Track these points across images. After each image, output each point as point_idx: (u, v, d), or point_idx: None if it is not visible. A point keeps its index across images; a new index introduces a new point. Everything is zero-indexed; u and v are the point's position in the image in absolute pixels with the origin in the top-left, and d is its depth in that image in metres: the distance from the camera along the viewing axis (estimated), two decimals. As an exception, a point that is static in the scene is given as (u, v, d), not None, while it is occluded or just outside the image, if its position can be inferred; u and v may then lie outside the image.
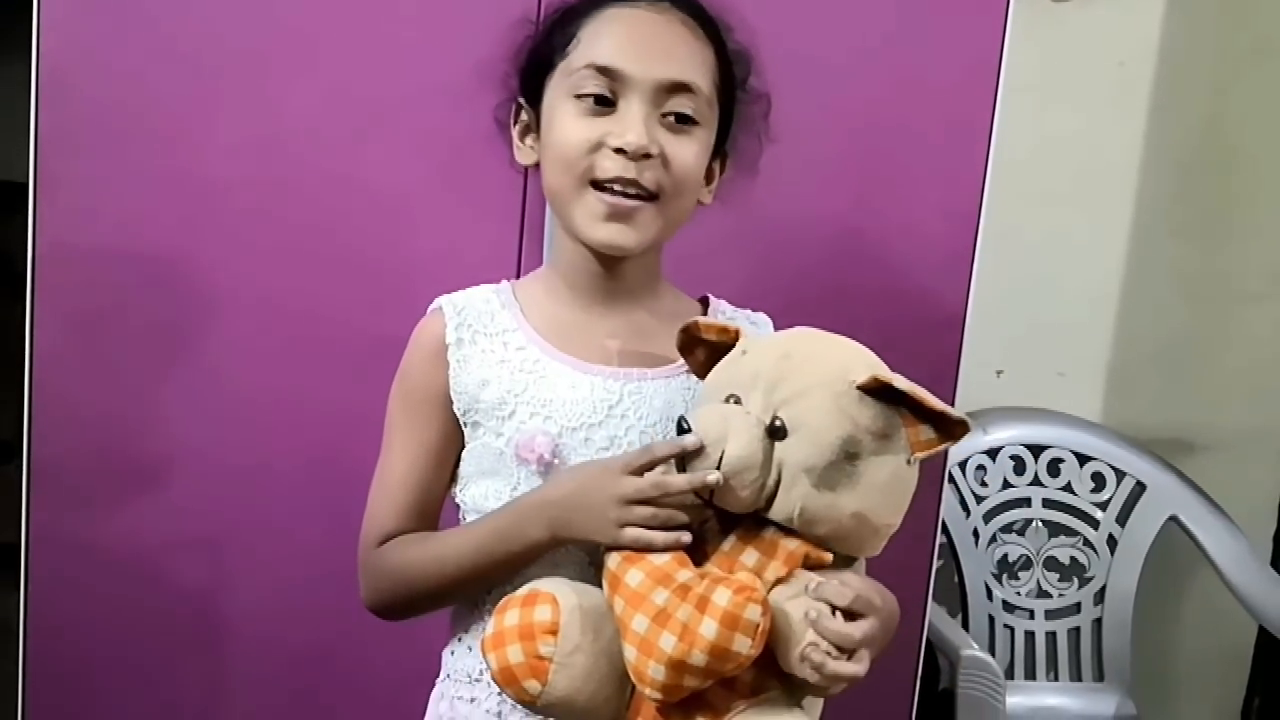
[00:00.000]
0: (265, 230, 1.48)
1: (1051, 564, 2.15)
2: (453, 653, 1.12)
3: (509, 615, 0.94)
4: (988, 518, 2.13)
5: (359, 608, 1.12)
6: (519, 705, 0.97)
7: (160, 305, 1.48)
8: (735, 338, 1.01)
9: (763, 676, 0.91)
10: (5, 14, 1.65)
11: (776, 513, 0.93)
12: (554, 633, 0.92)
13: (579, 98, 1.02)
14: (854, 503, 0.93)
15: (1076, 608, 2.15)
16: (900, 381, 0.92)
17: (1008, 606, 2.15)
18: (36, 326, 1.46)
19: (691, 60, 1.04)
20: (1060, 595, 2.15)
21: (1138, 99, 2.23)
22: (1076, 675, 2.15)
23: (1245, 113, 2.25)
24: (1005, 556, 2.15)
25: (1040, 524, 2.15)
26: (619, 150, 1.00)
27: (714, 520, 0.97)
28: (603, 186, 1.02)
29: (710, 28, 1.07)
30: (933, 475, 1.65)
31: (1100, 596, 2.14)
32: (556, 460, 1.04)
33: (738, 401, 0.95)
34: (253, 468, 1.52)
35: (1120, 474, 2.14)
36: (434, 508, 1.11)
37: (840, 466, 0.92)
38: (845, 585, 0.91)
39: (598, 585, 0.97)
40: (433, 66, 1.45)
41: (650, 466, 0.95)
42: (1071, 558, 2.15)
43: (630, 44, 1.02)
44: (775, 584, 0.92)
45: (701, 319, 1.03)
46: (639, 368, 1.08)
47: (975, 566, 2.12)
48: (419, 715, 1.16)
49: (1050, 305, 2.26)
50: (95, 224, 1.46)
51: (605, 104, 1.02)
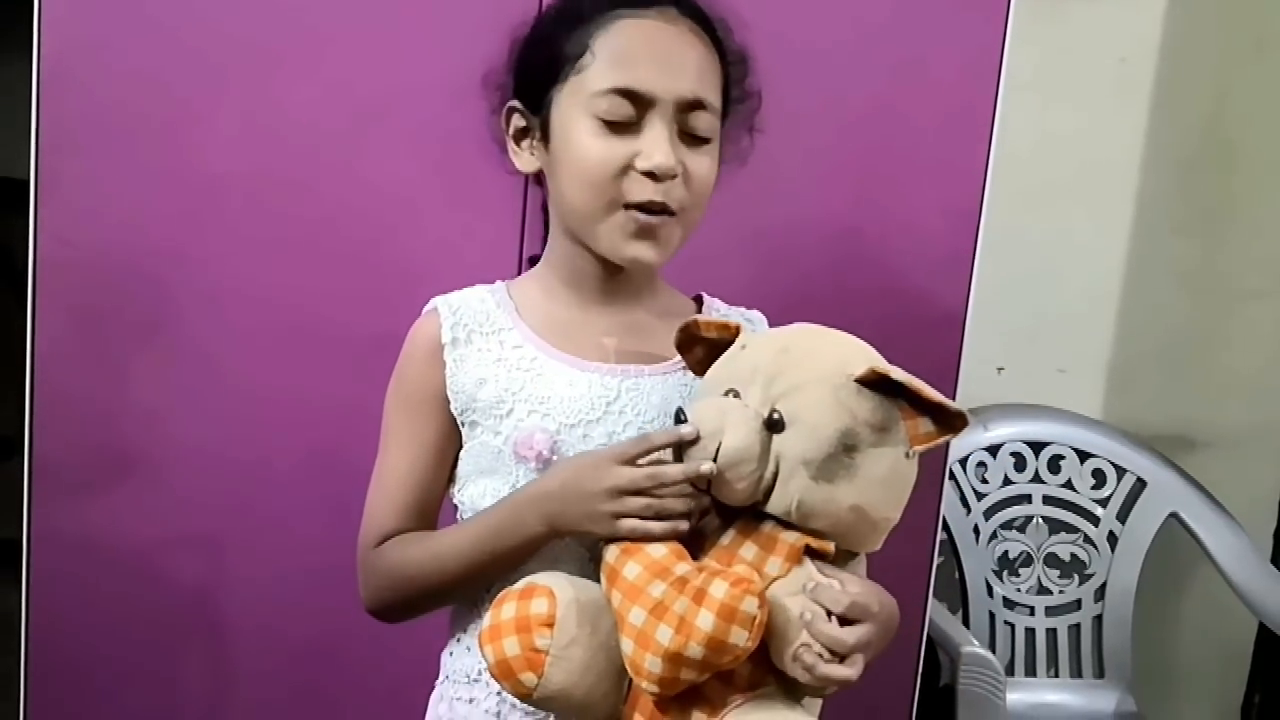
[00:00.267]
0: (266, 227, 1.48)
1: (1052, 561, 2.15)
2: (451, 654, 1.12)
3: (506, 608, 0.94)
4: (988, 514, 2.13)
5: (360, 604, 1.12)
6: (516, 699, 0.97)
7: (161, 302, 1.49)
8: (735, 334, 1.01)
9: (760, 671, 0.91)
10: (6, 12, 1.66)
11: (774, 506, 0.93)
12: (550, 625, 0.92)
13: (600, 118, 1.01)
14: (852, 495, 0.93)
15: (1077, 604, 2.15)
16: (898, 373, 0.92)
17: (1008, 603, 2.15)
18: (38, 323, 1.46)
19: (705, 75, 1.04)
20: (1061, 592, 2.15)
21: (1139, 96, 2.22)
22: (1077, 672, 2.15)
23: (1246, 109, 2.25)
24: (1006, 553, 2.15)
25: (1041, 521, 2.15)
26: (647, 173, 1.01)
27: (713, 515, 0.97)
28: (630, 206, 1.02)
29: (714, 34, 1.06)
30: (933, 472, 1.65)
31: (1101, 593, 2.14)
32: (555, 458, 1.04)
33: (736, 396, 0.95)
34: (253, 464, 1.52)
35: (1121, 471, 2.14)
36: (432, 507, 1.11)
37: (838, 459, 0.92)
38: (843, 590, 0.91)
39: (597, 581, 0.97)
40: (433, 65, 1.45)
41: (646, 456, 0.95)
42: (1072, 554, 2.15)
43: (652, 63, 1.01)
44: (774, 579, 0.92)
45: (702, 317, 1.04)
46: (636, 365, 1.08)
47: (976, 563, 2.12)
48: (419, 712, 1.16)
49: (1051, 302, 2.26)
50: (96, 221, 1.46)
51: (627, 121, 1.01)
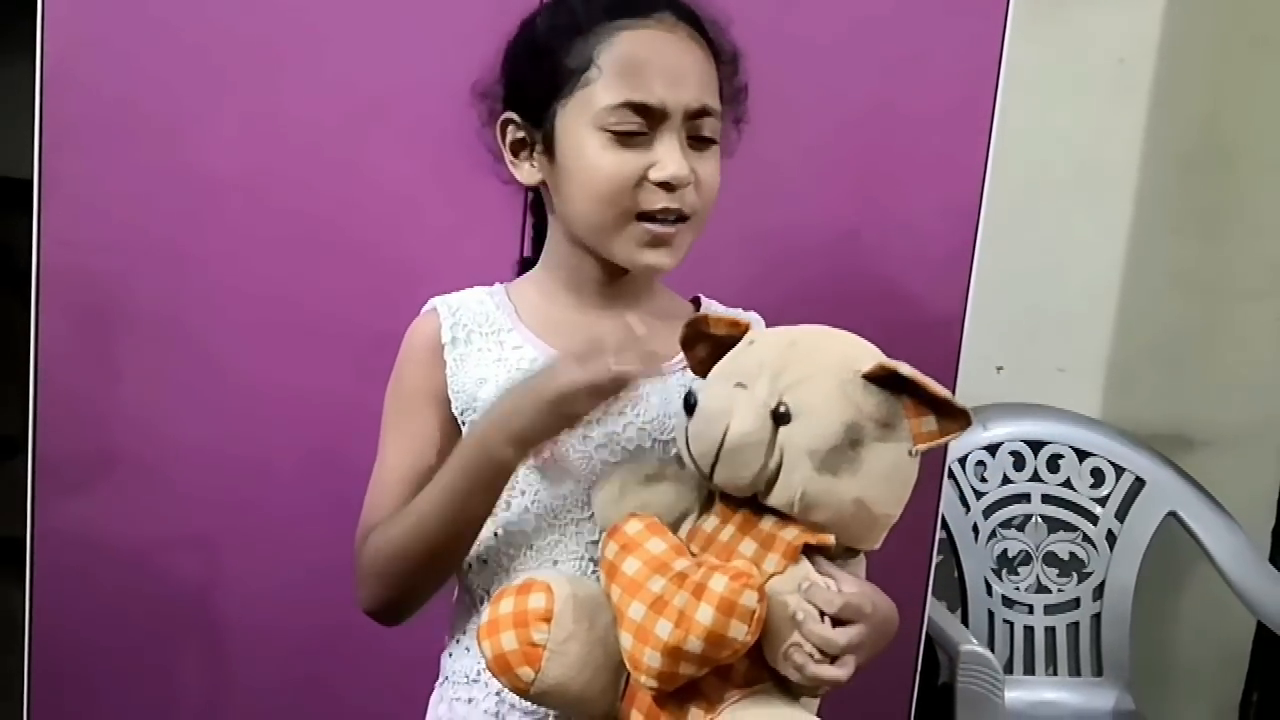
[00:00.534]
0: (267, 227, 1.49)
1: (1051, 559, 2.16)
2: (450, 655, 1.13)
3: (504, 603, 0.94)
4: (987, 513, 2.14)
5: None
6: (514, 696, 0.98)
7: (164, 301, 1.49)
8: (744, 331, 1.02)
9: (757, 668, 0.92)
10: (9, 11, 1.66)
11: (777, 497, 0.93)
12: (548, 620, 0.92)
13: (610, 131, 1.01)
14: (855, 489, 0.93)
15: (1075, 603, 2.16)
16: (905, 368, 0.93)
17: (1007, 602, 2.15)
18: (41, 321, 1.47)
19: (707, 80, 1.04)
20: (1059, 590, 2.16)
21: (1137, 96, 2.23)
22: (1075, 670, 2.15)
23: (1245, 109, 2.25)
24: (1005, 552, 2.15)
25: (1040, 519, 2.15)
26: (662, 184, 1.01)
27: (712, 512, 0.98)
28: (644, 216, 1.03)
29: (708, 36, 1.07)
30: (933, 471, 1.65)
31: (1099, 592, 2.15)
32: (555, 458, 1.04)
33: (744, 388, 0.95)
34: (255, 462, 1.53)
35: (1119, 470, 2.14)
36: None
37: (843, 452, 0.92)
38: (837, 590, 0.91)
39: (596, 580, 0.97)
40: (434, 65, 1.45)
41: (599, 359, 0.94)
42: (1071, 553, 2.15)
43: (659, 74, 1.01)
44: (771, 576, 0.92)
45: (711, 314, 1.04)
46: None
47: (975, 562, 2.12)
48: (419, 713, 1.16)
49: (1050, 301, 2.26)
50: (99, 220, 1.46)
51: (638, 133, 1.02)
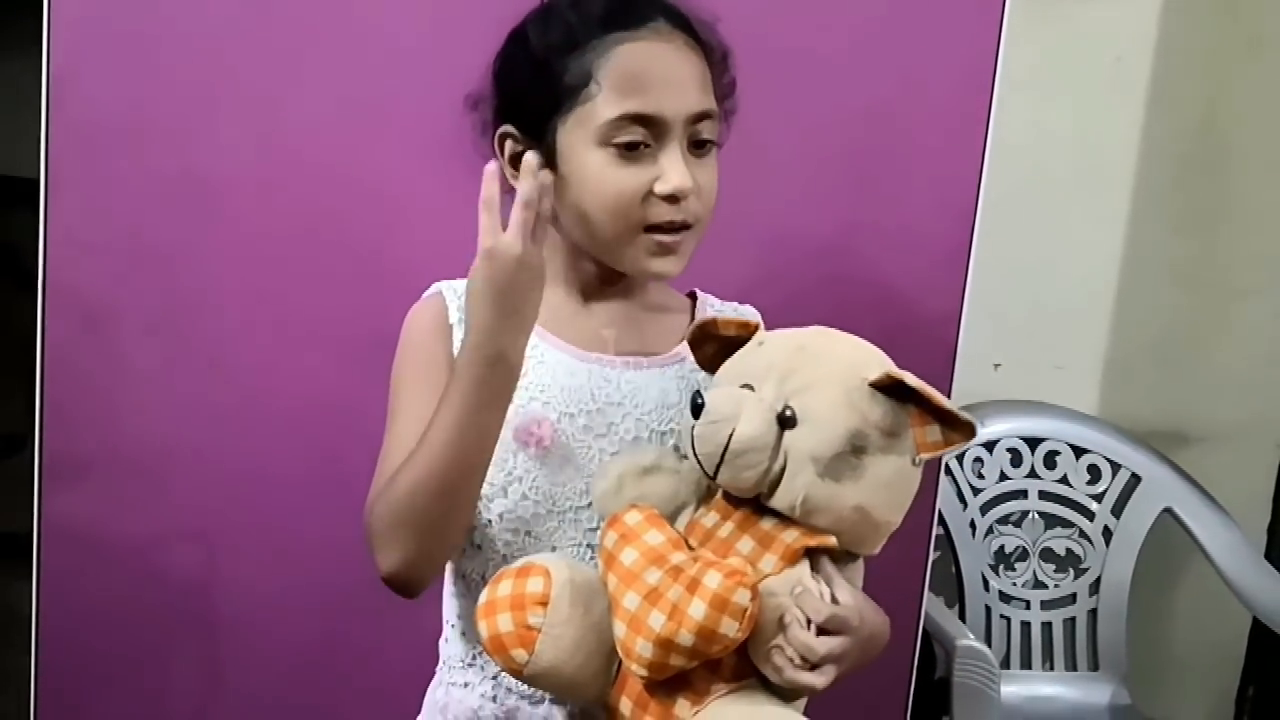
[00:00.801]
0: (272, 228, 1.49)
1: (1047, 555, 2.16)
2: (446, 640, 1.14)
3: (502, 585, 0.96)
4: (985, 509, 2.14)
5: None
6: (509, 680, 1.00)
7: (168, 300, 1.50)
8: (753, 332, 1.03)
9: (745, 663, 0.93)
10: (15, 12, 1.67)
11: (779, 500, 0.94)
12: (544, 604, 0.93)
13: (614, 145, 1.02)
14: (857, 496, 0.94)
15: (1072, 598, 2.17)
16: (911, 379, 0.94)
17: (1004, 597, 2.16)
18: (47, 320, 1.47)
19: (704, 85, 1.05)
20: (1056, 586, 2.17)
21: (1134, 95, 2.23)
22: (1072, 665, 2.16)
23: (1241, 108, 2.26)
24: (1002, 548, 2.16)
25: (1036, 515, 2.16)
26: (667, 197, 1.02)
27: (711, 508, 0.99)
28: (651, 228, 1.04)
29: (701, 40, 1.07)
30: (930, 467, 1.64)
31: (1095, 587, 2.15)
32: (554, 446, 1.05)
33: (751, 390, 0.96)
34: (259, 460, 1.53)
35: (1116, 466, 2.15)
36: None
37: (846, 459, 0.93)
38: (830, 601, 0.92)
39: (594, 567, 0.99)
40: (436, 68, 1.45)
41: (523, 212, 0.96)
42: (1067, 549, 2.16)
43: (659, 85, 1.02)
44: (766, 576, 0.93)
45: (720, 316, 1.05)
46: (634, 356, 1.10)
47: (972, 557, 2.13)
48: (418, 703, 1.17)
49: (1047, 299, 2.27)
50: (105, 220, 1.47)
51: (641, 145, 1.02)
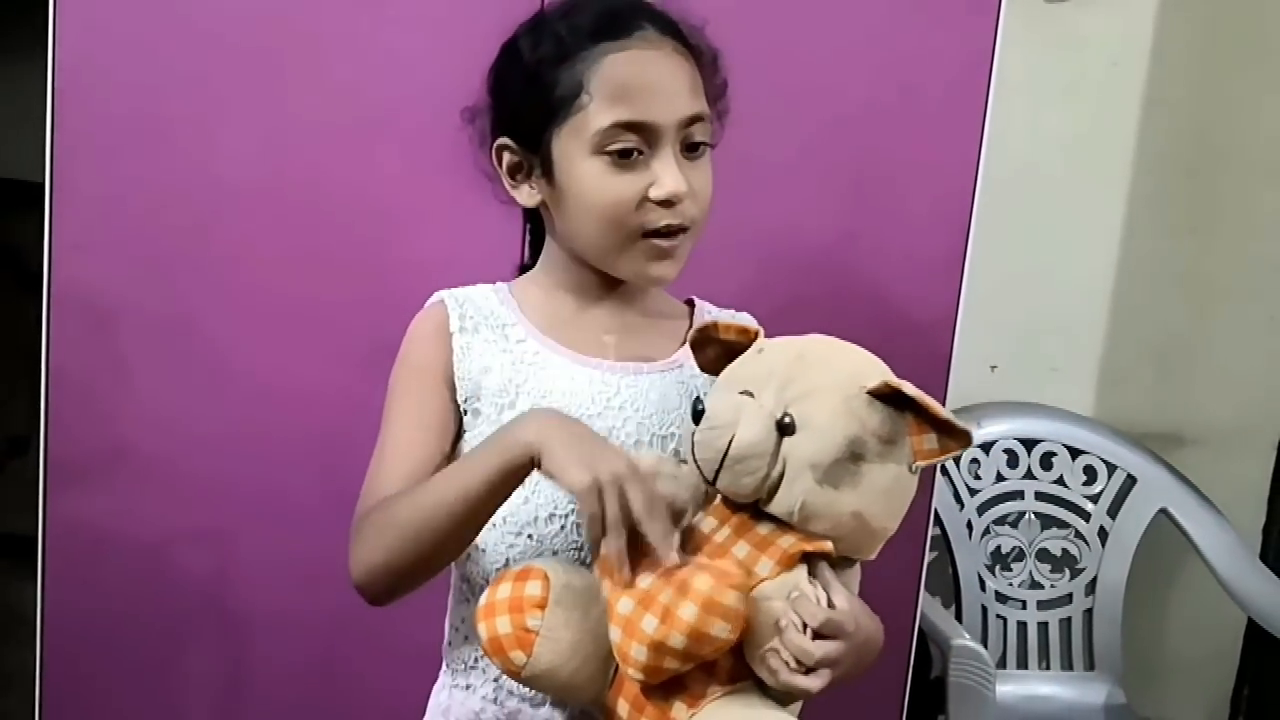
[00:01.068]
0: (276, 229, 1.51)
1: (1043, 556, 2.17)
2: (449, 643, 1.15)
3: (501, 588, 0.97)
4: (981, 510, 2.15)
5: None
6: (510, 683, 1.01)
7: (173, 301, 1.51)
8: (753, 338, 1.03)
9: (741, 666, 0.93)
10: (22, 17, 1.68)
11: (777, 506, 0.95)
12: (542, 607, 0.94)
13: (607, 153, 1.03)
14: (854, 502, 0.95)
15: (1068, 598, 2.17)
16: (910, 388, 0.94)
17: (1000, 597, 2.17)
18: (53, 322, 1.49)
19: (695, 89, 1.06)
20: (1052, 586, 2.17)
21: (1130, 99, 2.24)
22: (1068, 665, 2.17)
23: (1236, 111, 2.27)
24: (998, 548, 2.17)
25: (1032, 516, 2.17)
26: (662, 202, 1.03)
27: (708, 512, 1.00)
28: (648, 233, 1.05)
29: (690, 44, 1.08)
30: (927, 469, 1.66)
31: (1091, 588, 2.16)
32: None
33: (750, 397, 0.96)
34: (262, 461, 1.55)
35: (1111, 467, 2.16)
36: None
37: (844, 466, 0.94)
38: (826, 606, 0.93)
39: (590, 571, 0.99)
40: (439, 72, 1.46)
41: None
42: (1063, 549, 2.17)
43: (650, 93, 1.02)
44: (762, 580, 0.94)
45: (721, 320, 1.06)
46: (635, 362, 1.11)
47: (969, 558, 2.14)
48: (424, 704, 1.17)
49: (1043, 302, 2.28)
50: (110, 222, 1.48)
51: (635, 152, 1.03)
